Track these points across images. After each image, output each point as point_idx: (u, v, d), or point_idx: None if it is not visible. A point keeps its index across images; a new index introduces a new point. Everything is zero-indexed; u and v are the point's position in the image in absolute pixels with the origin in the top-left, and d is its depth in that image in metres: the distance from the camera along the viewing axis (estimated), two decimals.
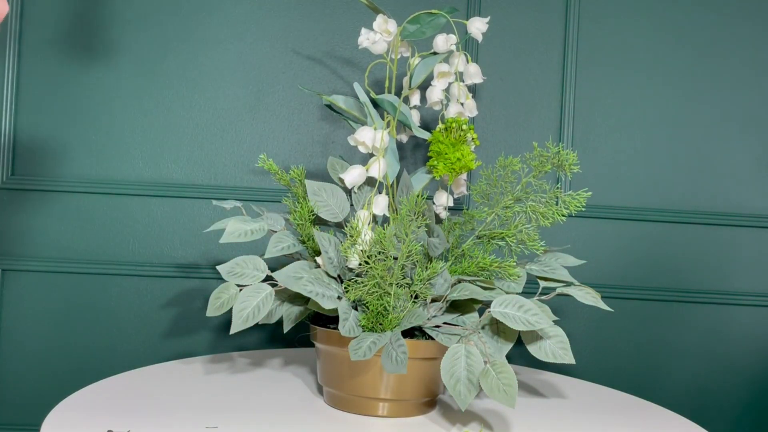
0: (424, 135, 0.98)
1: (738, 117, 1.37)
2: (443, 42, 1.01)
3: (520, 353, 0.91)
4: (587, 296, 0.94)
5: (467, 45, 1.34)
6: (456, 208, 1.31)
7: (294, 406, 0.94)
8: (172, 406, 0.90)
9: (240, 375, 1.07)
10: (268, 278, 0.96)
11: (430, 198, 1.02)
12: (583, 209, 0.97)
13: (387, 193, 0.98)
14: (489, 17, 1.03)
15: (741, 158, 1.37)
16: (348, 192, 0.99)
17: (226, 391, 0.98)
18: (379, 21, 1.00)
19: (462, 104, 1.02)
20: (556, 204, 0.96)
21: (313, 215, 1.01)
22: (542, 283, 0.97)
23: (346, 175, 0.96)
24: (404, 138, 1.07)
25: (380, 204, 0.95)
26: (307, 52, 1.34)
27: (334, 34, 1.34)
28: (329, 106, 1.02)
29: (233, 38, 1.33)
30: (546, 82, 1.36)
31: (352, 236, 0.91)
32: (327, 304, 0.89)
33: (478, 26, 1.01)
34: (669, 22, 1.36)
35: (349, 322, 0.88)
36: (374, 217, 0.96)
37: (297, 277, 0.95)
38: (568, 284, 0.96)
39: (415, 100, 1.04)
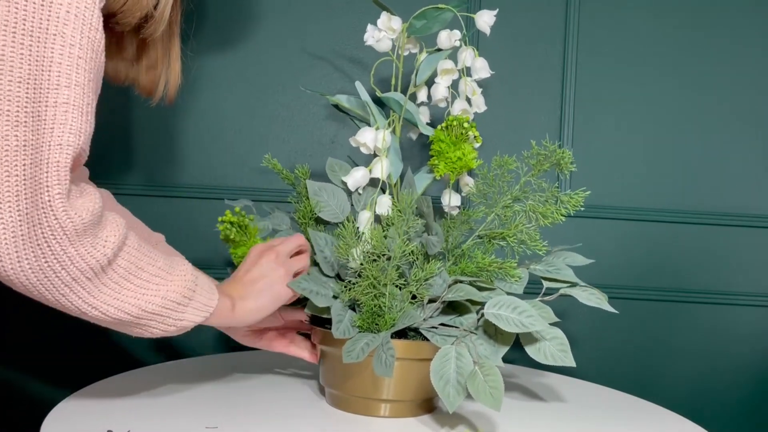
0: (432, 132, 0.97)
1: (739, 116, 1.37)
2: (447, 38, 1.00)
3: (522, 355, 0.90)
4: (591, 297, 0.92)
5: (469, 42, 1.33)
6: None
7: (296, 406, 0.94)
8: (172, 406, 0.90)
9: (240, 375, 1.06)
10: None
11: (434, 196, 1.02)
12: (582, 209, 0.96)
13: (390, 193, 0.97)
14: (497, 9, 1.01)
15: (742, 158, 1.37)
16: (349, 192, 0.98)
17: (226, 391, 0.98)
18: (383, 19, 0.99)
19: (469, 99, 1.01)
20: (556, 203, 0.96)
21: (314, 214, 1.00)
22: (546, 284, 0.95)
23: (349, 178, 0.95)
24: (413, 135, 1.07)
25: (384, 204, 0.94)
26: (314, 50, 1.33)
27: (341, 31, 1.34)
28: (336, 106, 1.01)
29: (237, 36, 1.33)
30: (546, 82, 1.36)
31: (343, 237, 0.90)
32: (320, 302, 0.88)
33: (486, 19, 0.99)
34: (670, 22, 1.36)
35: (343, 324, 0.87)
36: (377, 217, 0.96)
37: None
38: (573, 285, 0.95)
39: (423, 96, 1.03)
